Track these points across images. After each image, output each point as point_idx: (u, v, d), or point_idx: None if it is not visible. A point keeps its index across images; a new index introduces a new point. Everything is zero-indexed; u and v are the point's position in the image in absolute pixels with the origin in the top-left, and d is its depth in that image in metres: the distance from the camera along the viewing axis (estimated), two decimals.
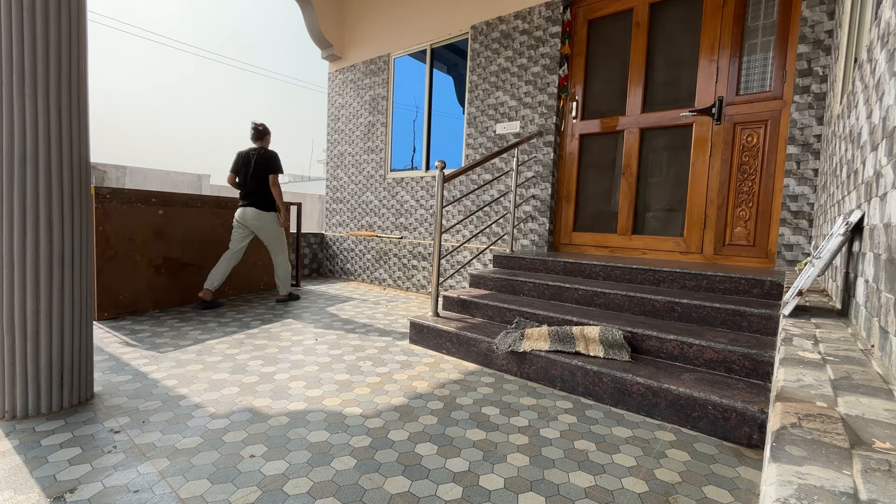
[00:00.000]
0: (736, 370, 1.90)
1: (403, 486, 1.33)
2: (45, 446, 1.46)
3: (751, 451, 1.58)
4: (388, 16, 5.09)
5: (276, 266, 3.88)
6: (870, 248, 1.13)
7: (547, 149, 3.83)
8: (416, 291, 4.72)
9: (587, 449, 1.57)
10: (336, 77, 5.77)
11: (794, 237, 2.81)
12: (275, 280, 4.13)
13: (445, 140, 4.72)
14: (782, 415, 0.70)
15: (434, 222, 2.82)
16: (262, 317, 3.33)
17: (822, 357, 1.00)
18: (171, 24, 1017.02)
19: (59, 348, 1.68)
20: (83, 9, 1.70)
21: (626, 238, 3.57)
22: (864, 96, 1.36)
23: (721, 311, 2.20)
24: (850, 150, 1.58)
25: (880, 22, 1.21)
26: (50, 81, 1.58)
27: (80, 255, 1.73)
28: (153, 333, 2.80)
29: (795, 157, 2.78)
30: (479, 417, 1.79)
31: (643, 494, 1.32)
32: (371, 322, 3.31)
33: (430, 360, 2.50)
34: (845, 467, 0.54)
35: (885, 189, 1.01)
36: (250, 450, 1.49)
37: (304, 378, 2.15)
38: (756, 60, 2.99)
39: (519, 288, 3.02)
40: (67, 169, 1.65)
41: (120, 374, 2.10)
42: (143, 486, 1.28)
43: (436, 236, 2.80)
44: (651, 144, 3.45)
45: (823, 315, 1.45)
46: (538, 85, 3.85)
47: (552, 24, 3.74)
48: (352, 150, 5.60)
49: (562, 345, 2.16)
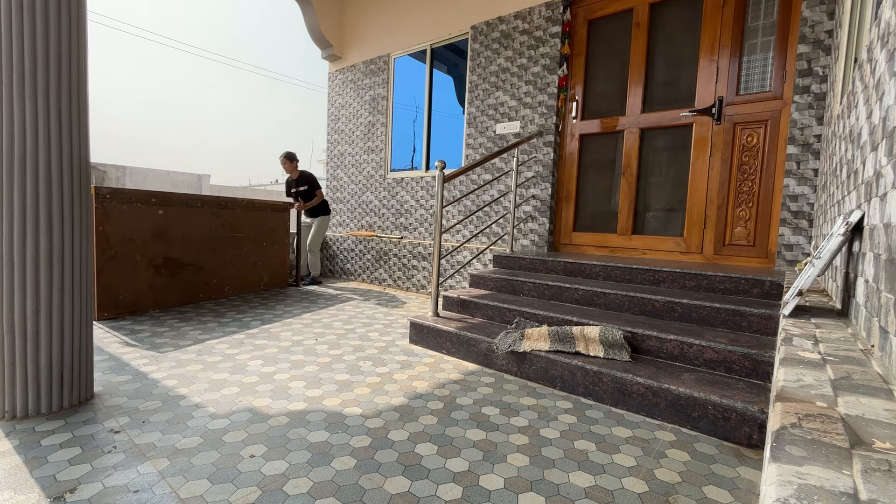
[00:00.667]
0: (736, 370, 1.90)
1: (403, 486, 1.33)
2: (45, 446, 1.46)
3: (751, 451, 1.58)
4: (388, 16, 5.09)
5: None
6: (870, 248, 1.13)
7: (547, 149, 3.82)
8: (416, 291, 4.72)
9: (587, 449, 1.57)
10: (336, 77, 5.77)
11: (794, 237, 2.81)
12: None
13: (445, 140, 4.72)
14: (782, 415, 0.70)
15: (434, 222, 2.82)
16: (262, 317, 3.33)
17: (822, 357, 1.00)
18: (171, 24, 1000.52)
19: (59, 348, 1.68)
20: (83, 9, 1.70)
21: (626, 238, 3.57)
22: (864, 96, 1.36)
23: (721, 311, 2.20)
24: (850, 150, 1.58)
25: (880, 22, 1.21)
26: (50, 81, 1.58)
27: (80, 255, 1.73)
28: (153, 333, 2.80)
29: (795, 157, 2.78)
30: (479, 417, 1.79)
31: (643, 494, 1.32)
32: (371, 322, 3.31)
33: (430, 360, 2.50)
34: (845, 467, 0.54)
35: (885, 189, 1.01)
36: (250, 450, 1.49)
37: (304, 378, 2.15)
38: (756, 60, 2.99)
39: (519, 288, 3.02)
40: (67, 169, 1.65)
41: (120, 374, 2.10)
42: (143, 486, 1.28)
43: (436, 236, 2.80)
44: (651, 144, 3.45)
45: (823, 315, 1.45)
46: (538, 85, 3.85)
47: (552, 24, 3.74)
48: (352, 150, 5.60)
49: (562, 345, 2.16)
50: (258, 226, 4.33)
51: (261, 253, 4.40)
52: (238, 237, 4.11)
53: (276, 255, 4.58)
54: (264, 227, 4.40)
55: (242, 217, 4.15)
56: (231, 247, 4.04)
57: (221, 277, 3.97)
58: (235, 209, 4.08)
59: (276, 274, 4.59)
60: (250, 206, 4.24)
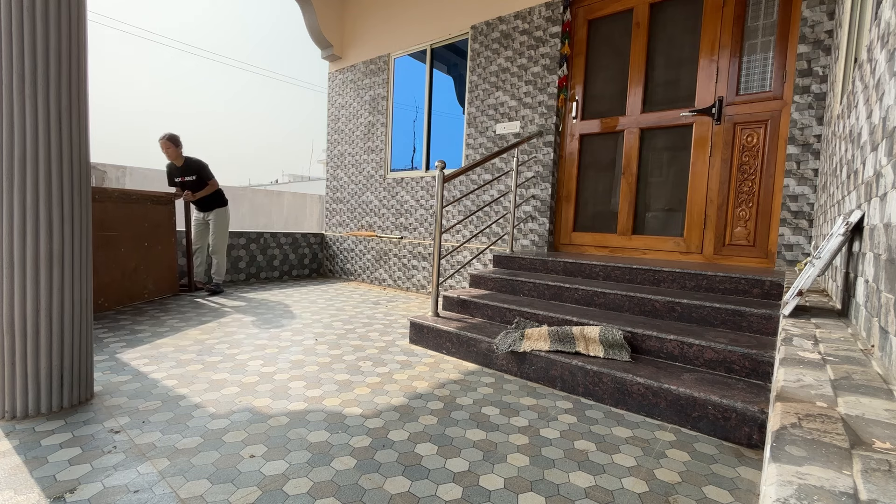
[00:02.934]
0: (736, 370, 1.90)
1: (403, 486, 1.33)
2: (45, 446, 1.46)
3: (751, 451, 1.58)
4: (388, 16, 5.09)
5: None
6: (870, 248, 1.13)
7: (547, 149, 3.82)
8: (416, 291, 4.72)
9: (587, 449, 1.57)
10: (336, 77, 5.77)
11: (794, 237, 2.81)
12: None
13: (445, 140, 4.72)
14: (782, 415, 0.70)
15: (434, 222, 2.82)
16: (263, 317, 3.33)
17: (822, 357, 1.00)
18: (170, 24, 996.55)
19: (59, 348, 1.68)
20: (83, 9, 1.70)
21: (626, 238, 3.57)
22: (864, 96, 1.36)
23: (721, 311, 2.20)
24: (850, 150, 1.58)
25: (880, 22, 1.21)
26: (50, 81, 1.58)
27: (80, 255, 1.73)
28: (153, 333, 2.79)
29: (795, 157, 2.78)
30: (479, 417, 1.79)
31: (643, 494, 1.32)
32: (371, 322, 3.31)
33: (430, 360, 2.50)
34: (845, 467, 0.54)
35: (885, 189, 1.01)
36: (250, 450, 1.49)
37: (304, 378, 2.15)
38: (756, 60, 2.99)
39: (519, 288, 3.02)
40: (67, 169, 1.65)
41: (120, 374, 2.10)
42: (143, 486, 1.28)
43: (436, 236, 2.80)
44: (651, 144, 3.45)
45: (823, 315, 1.45)
46: (538, 85, 3.85)
47: (552, 25, 3.74)
48: (352, 150, 5.60)
49: (562, 345, 2.16)
50: (137, 222, 3.62)
51: (142, 255, 3.67)
52: (111, 236, 3.39)
53: (161, 256, 3.87)
54: (145, 224, 3.69)
55: (115, 211, 3.41)
56: (102, 248, 3.30)
57: (94, 288, 3.18)
58: (105, 201, 3.34)
59: (162, 279, 3.89)
60: (124, 197, 3.53)
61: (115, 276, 3.42)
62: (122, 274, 3.49)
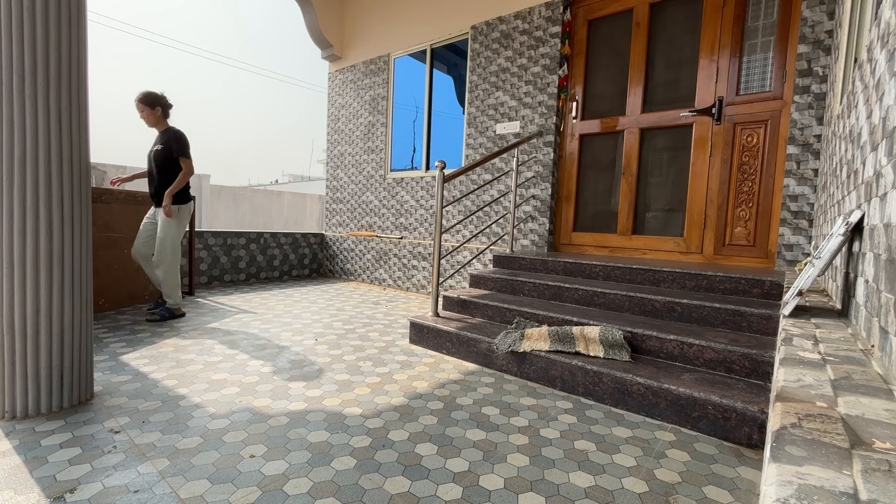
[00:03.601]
0: (736, 370, 1.90)
1: (403, 486, 1.33)
2: (45, 446, 1.46)
3: (751, 451, 1.58)
4: (388, 16, 5.09)
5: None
6: (870, 249, 1.13)
7: (547, 149, 3.82)
8: (416, 291, 4.72)
9: (587, 449, 1.57)
10: (336, 77, 5.77)
11: (794, 237, 2.81)
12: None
13: (445, 140, 4.72)
14: (782, 415, 0.70)
15: (434, 222, 2.82)
16: (262, 317, 3.33)
17: (822, 357, 1.00)
18: (169, 23, 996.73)
19: (59, 348, 1.68)
20: (83, 9, 1.70)
21: (626, 238, 3.57)
22: (864, 96, 1.36)
23: (721, 311, 2.20)
24: (850, 150, 1.58)
25: (880, 22, 1.21)
26: (50, 81, 1.58)
27: (80, 255, 1.73)
28: (153, 333, 2.79)
29: (795, 157, 2.78)
30: (479, 417, 1.79)
31: (643, 494, 1.32)
32: (371, 322, 3.31)
33: (430, 360, 2.50)
34: (845, 467, 0.54)
35: (885, 189, 1.01)
36: (250, 450, 1.49)
37: (304, 378, 2.15)
38: (756, 60, 2.99)
39: (519, 288, 3.02)
40: (67, 169, 1.65)
41: (120, 374, 2.10)
42: (143, 487, 1.28)
43: (436, 236, 2.80)
44: (651, 144, 3.45)
45: (823, 315, 1.45)
46: (538, 85, 3.85)
47: (552, 24, 3.74)
48: (352, 150, 5.60)
49: (562, 345, 2.16)
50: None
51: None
52: (116, 238, 3.36)
53: None
54: None
55: (120, 213, 3.37)
56: (106, 249, 3.28)
57: (95, 288, 3.16)
58: (111, 203, 3.33)
59: None
60: (130, 199, 3.48)
61: (118, 276, 3.42)
62: (124, 274, 3.49)
